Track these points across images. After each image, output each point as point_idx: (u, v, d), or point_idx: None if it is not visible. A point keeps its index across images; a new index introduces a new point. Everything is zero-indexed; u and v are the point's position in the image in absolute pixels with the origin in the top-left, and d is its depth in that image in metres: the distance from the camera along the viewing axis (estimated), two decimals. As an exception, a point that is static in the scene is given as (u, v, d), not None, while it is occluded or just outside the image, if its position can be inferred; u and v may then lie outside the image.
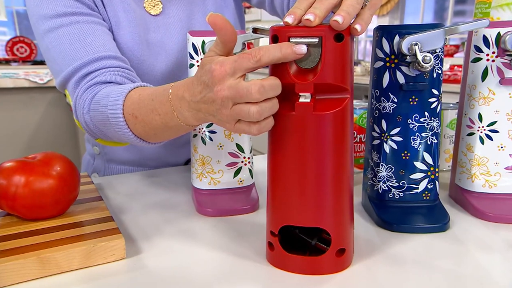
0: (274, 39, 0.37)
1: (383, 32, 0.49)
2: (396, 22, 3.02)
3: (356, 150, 0.69)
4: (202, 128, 0.57)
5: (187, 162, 0.82)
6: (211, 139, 0.57)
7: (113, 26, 0.67)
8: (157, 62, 0.70)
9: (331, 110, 0.37)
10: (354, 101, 0.73)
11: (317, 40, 0.36)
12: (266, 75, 0.39)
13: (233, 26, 0.37)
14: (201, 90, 0.39)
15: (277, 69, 0.38)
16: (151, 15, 0.70)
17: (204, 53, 0.52)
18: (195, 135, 0.58)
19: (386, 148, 0.52)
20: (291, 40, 0.37)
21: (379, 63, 0.50)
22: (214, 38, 0.51)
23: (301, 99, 0.38)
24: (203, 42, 0.52)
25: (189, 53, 0.53)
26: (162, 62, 0.70)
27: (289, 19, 0.37)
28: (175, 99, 0.44)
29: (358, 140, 0.69)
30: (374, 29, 0.51)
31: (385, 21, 3.00)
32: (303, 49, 0.36)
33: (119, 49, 0.66)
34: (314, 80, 0.37)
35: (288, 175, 0.39)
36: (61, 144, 2.11)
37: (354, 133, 0.69)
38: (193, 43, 0.53)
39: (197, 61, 0.53)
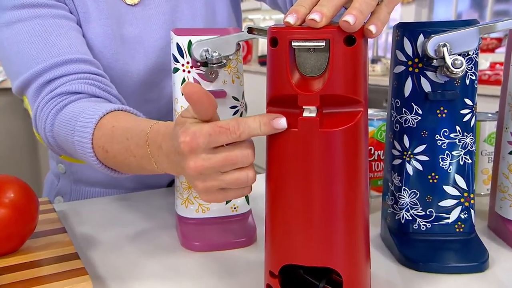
0: (273, 43, 0.38)
1: (405, 30, 0.50)
2: (425, 11, 3.05)
3: (373, 169, 0.70)
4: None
5: (171, 183, 0.82)
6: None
7: (81, 19, 0.67)
8: (134, 61, 0.71)
9: (341, 127, 0.38)
10: (371, 110, 0.74)
11: (323, 43, 0.37)
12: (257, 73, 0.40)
13: (211, 96, 0.40)
14: (174, 152, 0.42)
15: (276, 76, 0.39)
16: (127, 4, 0.71)
17: (190, 56, 0.53)
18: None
19: (409, 169, 0.52)
20: (293, 44, 0.37)
21: (400, 68, 0.51)
22: (203, 37, 0.52)
23: (305, 114, 0.38)
24: (190, 42, 0.53)
25: (173, 55, 0.54)
26: (140, 62, 0.71)
27: (291, 19, 0.37)
28: (153, 146, 0.46)
29: (376, 158, 0.70)
30: (394, 26, 0.52)
31: (411, 11, 3.03)
32: (282, 124, 0.38)
33: (87, 45, 0.67)
34: (321, 91, 0.37)
35: (290, 203, 0.40)
36: (17, 161, 2.10)
37: (371, 149, 0.69)
38: (177, 44, 0.53)
39: (183, 65, 0.54)
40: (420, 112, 0.51)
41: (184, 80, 0.54)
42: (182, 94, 0.39)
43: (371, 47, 3.10)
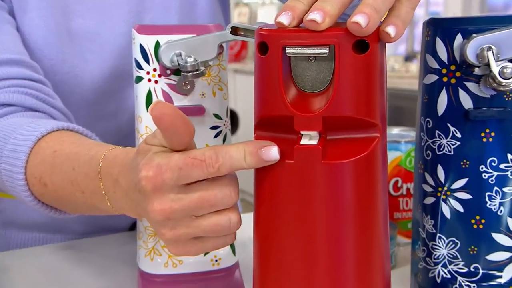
0: (262, 49, 0.39)
1: (437, 29, 0.51)
2: (475, -7, 3.08)
3: (401, 208, 0.70)
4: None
5: (134, 226, 0.82)
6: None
7: (15, 7, 0.69)
8: (86, 64, 0.72)
9: (351, 158, 0.38)
10: (398, 129, 0.75)
11: (327, 50, 0.38)
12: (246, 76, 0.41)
13: (187, 120, 0.40)
14: (134, 189, 0.42)
15: (266, 92, 0.39)
16: None
17: (158, 61, 0.54)
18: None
19: (446, 211, 0.53)
20: (287, 51, 0.38)
21: (432, 77, 0.52)
22: (175, 37, 0.53)
23: (304, 141, 0.39)
24: (157, 43, 0.54)
25: (135, 60, 0.55)
26: (94, 65, 0.72)
27: (284, 19, 0.38)
28: (108, 179, 0.47)
29: (404, 193, 0.70)
30: (424, 23, 0.53)
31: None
32: (274, 154, 0.39)
33: (23, 42, 0.68)
34: (324, 111, 0.38)
35: (285, 256, 0.40)
36: None
37: (397, 181, 0.70)
38: (141, 45, 0.54)
39: (148, 73, 0.55)
40: (458, 135, 0.51)
41: (150, 92, 0.55)
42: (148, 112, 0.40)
43: (404, 40, 3.13)
